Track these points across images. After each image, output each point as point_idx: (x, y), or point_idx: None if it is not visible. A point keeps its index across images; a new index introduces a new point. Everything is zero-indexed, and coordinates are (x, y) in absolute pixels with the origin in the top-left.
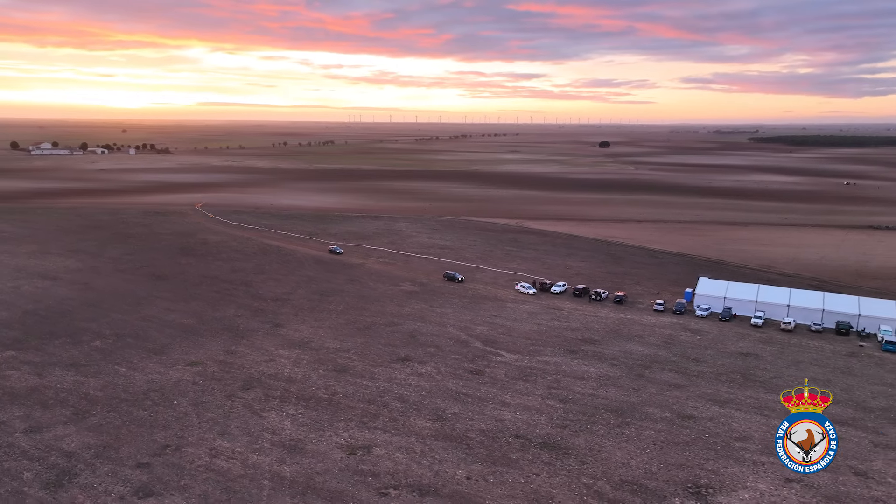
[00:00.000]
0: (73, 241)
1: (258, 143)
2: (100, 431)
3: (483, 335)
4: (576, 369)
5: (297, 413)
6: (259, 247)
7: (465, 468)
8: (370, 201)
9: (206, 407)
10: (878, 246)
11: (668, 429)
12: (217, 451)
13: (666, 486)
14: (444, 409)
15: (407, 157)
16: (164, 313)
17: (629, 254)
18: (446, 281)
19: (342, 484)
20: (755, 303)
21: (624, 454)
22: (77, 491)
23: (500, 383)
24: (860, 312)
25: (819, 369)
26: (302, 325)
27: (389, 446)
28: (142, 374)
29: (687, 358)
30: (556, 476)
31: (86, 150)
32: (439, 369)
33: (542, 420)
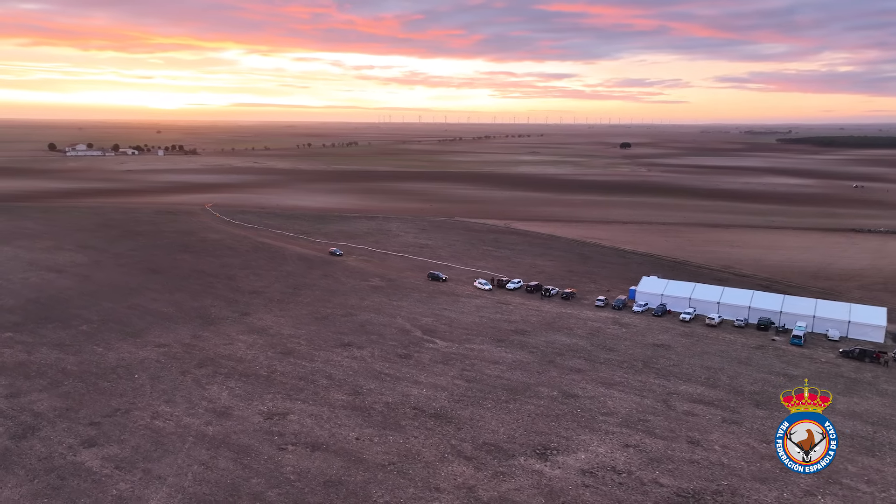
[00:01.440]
0: (85, 237)
1: (284, 144)
2: (66, 397)
3: (426, 326)
4: (495, 355)
5: (235, 386)
6: (252, 244)
7: (357, 431)
8: (374, 202)
9: (161, 380)
10: (850, 249)
11: (548, 405)
12: (158, 414)
13: (519, 447)
14: (362, 385)
15: (425, 159)
16: (149, 303)
17: (599, 254)
18: (430, 280)
19: (251, 441)
20: (689, 300)
21: (497, 423)
22: (36, 441)
23: (421, 366)
24: (782, 310)
25: (719, 359)
26: (267, 314)
27: (303, 413)
28: (115, 353)
29: (602, 347)
30: (431, 438)
31: (117, 151)
32: (373, 354)
33: (443, 396)
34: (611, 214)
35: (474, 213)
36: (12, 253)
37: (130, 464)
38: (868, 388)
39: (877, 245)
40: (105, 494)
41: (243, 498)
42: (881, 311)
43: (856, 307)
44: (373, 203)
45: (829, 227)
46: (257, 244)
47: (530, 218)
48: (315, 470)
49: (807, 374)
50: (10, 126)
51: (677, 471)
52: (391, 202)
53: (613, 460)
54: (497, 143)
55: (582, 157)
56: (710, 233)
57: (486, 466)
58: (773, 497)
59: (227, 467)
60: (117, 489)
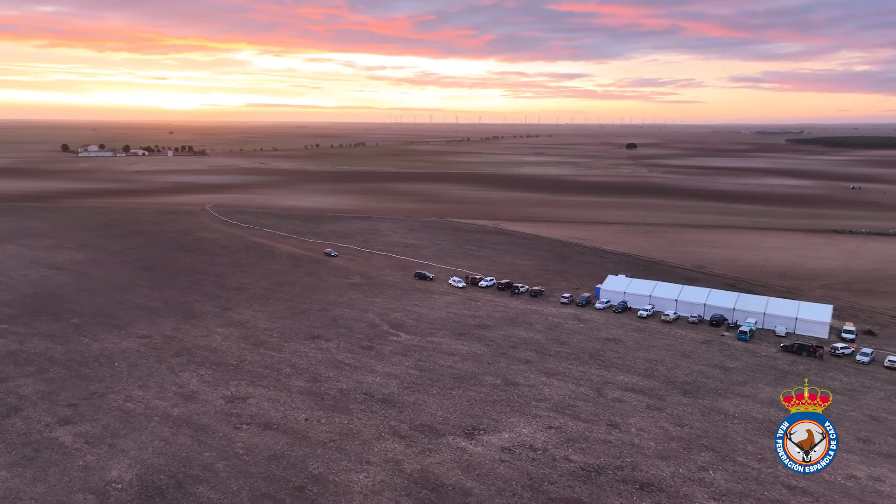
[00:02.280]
0: (87, 236)
1: (293, 145)
2: (50, 382)
3: (394, 320)
4: (452, 348)
5: (205, 373)
6: (244, 244)
7: (308, 413)
8: (371, 202)
9: (138, 368)
10: (825, 249)
11: (489, 392)
12: (131, 397)
13: (450, 428)
14: (322, 374)
15: (430, 160)
16: (139, 298)
17: (578, 254)
18: (416, 279)
19: (210, 421)
20: (649, 297)
21: (437, 407)
22: (17, 419)
23: (381, 357)
24: (735, 307)
25: (664, 352)
26: (247, 309)
27: (262, 398)
28: (100, 343)
29: (556, 341)
30: (372, 420)
31: (128, 151)
32: (339, 346)
33: (394, 383)
34: (600, 215)
35: (467, 214)
36: (16, 251)
37: (99, 439)
38: (796, 379)
39: (854, 246)
40: (72, 465)
41: (194, 468)
42: (827, 308)
43: (804, 305)
44: (370, 203)
45: (813, 228)
46: (249, 243)
47: (520, 219)
48: (262, 446)
49: (744, 366)
50: (27, 127)
51: (589, 449)
52: (388, 203)
53: (533, 439)
54: (504, 143)
55: (586, 158)
56: (694, 233)
57: (417, 444)
58: (669, 472)
59: (184, 443)
60: (84, 461)
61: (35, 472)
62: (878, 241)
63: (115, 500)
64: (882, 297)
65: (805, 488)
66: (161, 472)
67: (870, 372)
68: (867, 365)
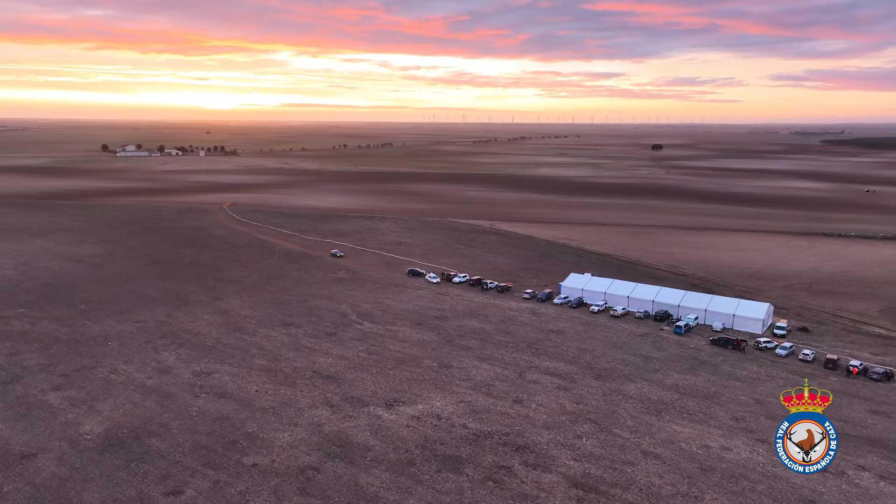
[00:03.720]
0: (109, 232)
1: (322, 145)
2: (50, 357)
3: (364, 311)
4: (406, 335)
5: (183, 353)
6: (249, 241)
7: (260, 386)
8: (380, 202)
9: (127, 347)
10: (804, 252)
11: (422, 372)
12: (115, 370)
13: (375, 400)
14: (283, 355)
15: (452, 160)
16: (142, 288)
17: (560, 253)
18: (411, 276)
19: (176, 390)
20: (604, 294)
21: (371, 384)
22: (18, 385)
23: (340, 342)
24: (680, 304)
25: (597, 343)
26: (236, 299)
27: (225, 373)
28: (100, 326)
29: (502, 331)
30: (312, 392)
31: (162, 151)
32: (306, 332)
33: (342, 364)
34: (598, 217)
35: (470, 215)
36: (44, 245)
37: (81, 402)
38: (708, 368)
39: (835, 249)
40: (55, 421)
41: (153, 426)
42: (763, 306)
43: (743, 303)
44: (380, 204)
45: (804, 231)
46: (254, 240)
47: (518, 219)
48: (213, 410)
49: (666, 356)
50: (73, 127)
51: (487, 419)
52: (398, 203)
53: (441, 410)
54: (530, 144)
55: (607, 160)
56: (682, 235)
57: (341, 412)
58: (547, 438)
59: (149, 406)
60: (65, 418)
61: (24, 426)
62: (861, 245)
63: (83, 447)
64: (836, 298)
65: (658, 454)
66: (125, 427)
67: (782, 364)
68: (784, 357)
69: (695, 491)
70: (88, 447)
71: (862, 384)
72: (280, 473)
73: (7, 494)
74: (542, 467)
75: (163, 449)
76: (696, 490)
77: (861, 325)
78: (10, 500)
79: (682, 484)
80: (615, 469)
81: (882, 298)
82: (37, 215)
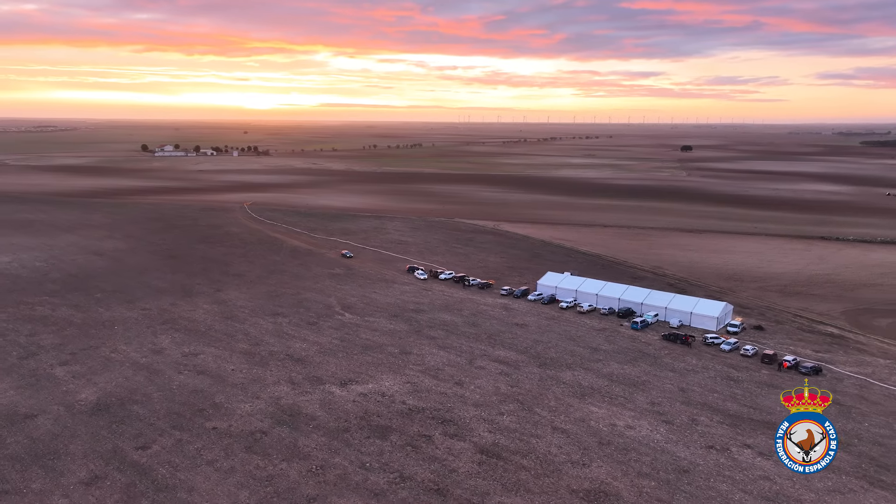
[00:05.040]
0: (134, 229)
1: (354, 145)
2: (63, 338)
3: (349, 304)
4: (380, 326)
5: (177, 336)
6: (260, 238)
7: (236, 365)
8: (394, 203)
9: (130, 331)
10: (793, 255)
11: (384, 357)
12: (116, 350)
13: (332, 379)
14: (264, 340)
15: (477, 161)
16: (154, 280)
17: (552, 253)
18: (409, 273)
19: (163, 367)
20: (575, 291)
21: (334, 366)
22: (32, 361)
23: (318, 330)
24: (643, 302)
25: (554, 335)
26: (235, 291)
27: (209, 355)
28: (110, 312)
29: (470, 324)
30: (279, 371)
31: (198, 151)
32: (291, 321)
33: (313, 349)
34: (602, 218)
35: (477, 215)
36: (74, 240)
37: (82, 375)
38: (649, 360)
39: (827, 252)
40: (57, 390)
41: (137, 396)
42: (719, 305)
43: (702, 301)
44: (393, 204)
45: (804, 234)
46: (264, 237)
47: (524, 220)
48: (191, 384)
49: (614, 349)
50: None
51: (426, 397)
52: (411, 203)
53: (388, 389)
54: (559, 145)
55: (632, 161)
56: (680, 237)
57: (300, 388)
58: (472, 414)
59: (138, 380)
60: (66, 388)
61: (31, 393)
62: (856, 248)
63: (77, 410)
64: (806, 299)
65: (566, 430)
66: (114, 396)
67: (723, 358)
68: (727, 353)
69: (585, 460)
70: (81, 411)
71: (790, 377)
72: (233, 435)
73: (9, 445)
74: (458, 437)
75: (141, 414)
76: (587, 459)
77: (816, 325)
78: (10, 450)
79: (577, 454)
80: (522, 440)
81: (851, 300)
82: (71, 212)
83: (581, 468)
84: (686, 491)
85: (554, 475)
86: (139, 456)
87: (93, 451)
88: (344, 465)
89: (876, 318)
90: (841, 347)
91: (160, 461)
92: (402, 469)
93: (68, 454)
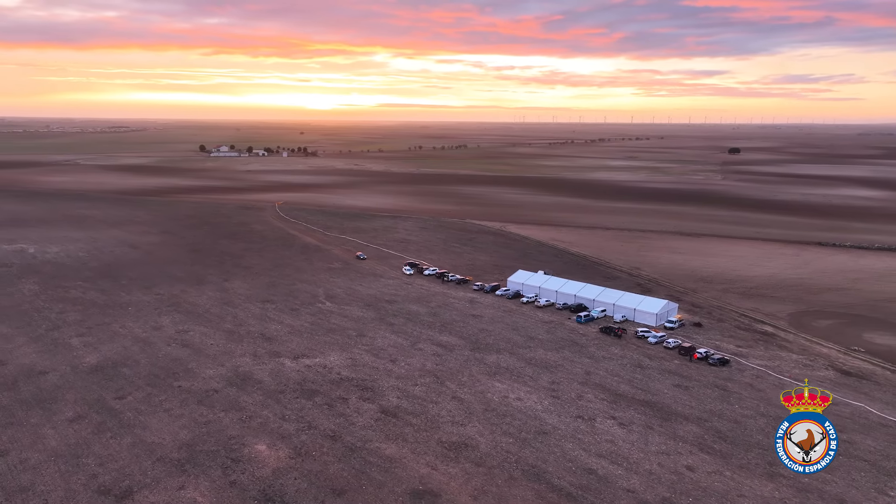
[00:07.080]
0: (171, 225)
1: (402, 146)
2: (85, 315)
3: (333, 294)
4: (352, 313)
5: (177, 317)
6: (278, 234)
7: (216, 342)
8: (415, 203)
9: (141, 311)
10: (778, 259)
11: (340, 338)
12: (125, 326)
13: (288, 353)
14: (248, 322)
15: (515, 163)
16: (174, 270)
17: (541, 253)
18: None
19: (157, 341)
20: (539, 288)
21: (296, 344)
22: (56, 332)
23: (296, 315)
24: (595, 298)
25: (501, 325)
26: (240, 281)
27: (198, 332)
28: (129, 296)
29: (432, 314)
30: (248, 346)
31: (251, 152)
32: (276, 307)
33: (286, 330)
34: (606, 221)
35: (488, 216)
36: (116, 234)
37: (90, 344)
38: (575, 349)
39: (815, 257)
40: (69, 354)
41: (129, 361)
42: (661, 302)
43: (646, 299)
44: (413, 204)
45: (802, 239)
46: (283, 235)
47: (531, 222)
48: (173, 353)
49: (549, 339)
50: (184, 127)
51: (360, 370)
52: (431, 204)
53: (331, 363)
54: (605, 146)
55: (672, 164)
56: (674, 240)
57: (259, 360)
58: (391, 384)
59: (134, 349)
60: (76, 353)
61: (48, 356)
62: (846, 254)
63: (79, 370)
64: (761, 301)
65: (462, 399)
66: (109, 360)
67: (645, 349)
68: (653, 345)
69: (464, 421)
70: (82, 370)
71: (695, 367)
72: (192, 392)
73: (22, 392)
74: (369, 400)
75: (127, 374)
76: (466, 420)
77: (756, 324)
78: (22, 395)
79: (461, 417)
80: (421, 405)
81: (807, 303)
82: (120, 209)
83: (458, 427)
84: (534, 447)
85: (431, 430)
86: (115, 403)
87: (82, 399)
88: (267, 416)
89: (818, 320)
90: (764, 344)
91: (129, 408)
92: (312, 420)
93: (63, 400)
